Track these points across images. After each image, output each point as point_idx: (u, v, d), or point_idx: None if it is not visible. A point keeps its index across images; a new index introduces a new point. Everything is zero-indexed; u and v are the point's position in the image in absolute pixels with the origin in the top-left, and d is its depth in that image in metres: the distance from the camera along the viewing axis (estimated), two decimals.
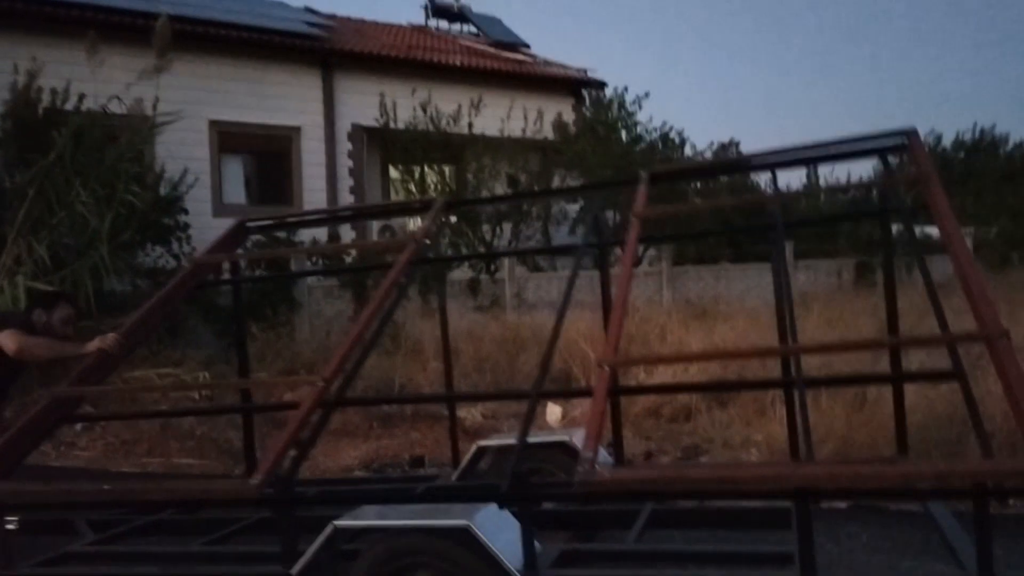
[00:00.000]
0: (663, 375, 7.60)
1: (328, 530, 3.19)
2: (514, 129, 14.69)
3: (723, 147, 16.46)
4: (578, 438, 4.05)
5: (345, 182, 14.85)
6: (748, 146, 21.91)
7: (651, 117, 17.88)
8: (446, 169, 14.86)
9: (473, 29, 20.37)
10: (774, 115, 55.18)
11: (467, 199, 11.58)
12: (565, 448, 4.23)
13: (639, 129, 15.61)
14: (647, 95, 15.75)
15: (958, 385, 3.37)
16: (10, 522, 3.95)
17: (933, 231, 18.13)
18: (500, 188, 14.11)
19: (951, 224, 3.11)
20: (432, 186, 14.59)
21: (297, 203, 14.23)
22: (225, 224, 13.54)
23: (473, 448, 4.62)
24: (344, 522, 3.21)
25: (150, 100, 9.67)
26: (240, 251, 5.41)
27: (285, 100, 14.01)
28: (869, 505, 4.63)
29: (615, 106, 15.81)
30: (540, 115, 15.10)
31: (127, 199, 8.17)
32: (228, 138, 13.54)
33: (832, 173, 20.28)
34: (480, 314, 12.12)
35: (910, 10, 63.49)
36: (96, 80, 8.72)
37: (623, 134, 15.56)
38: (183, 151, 11.78)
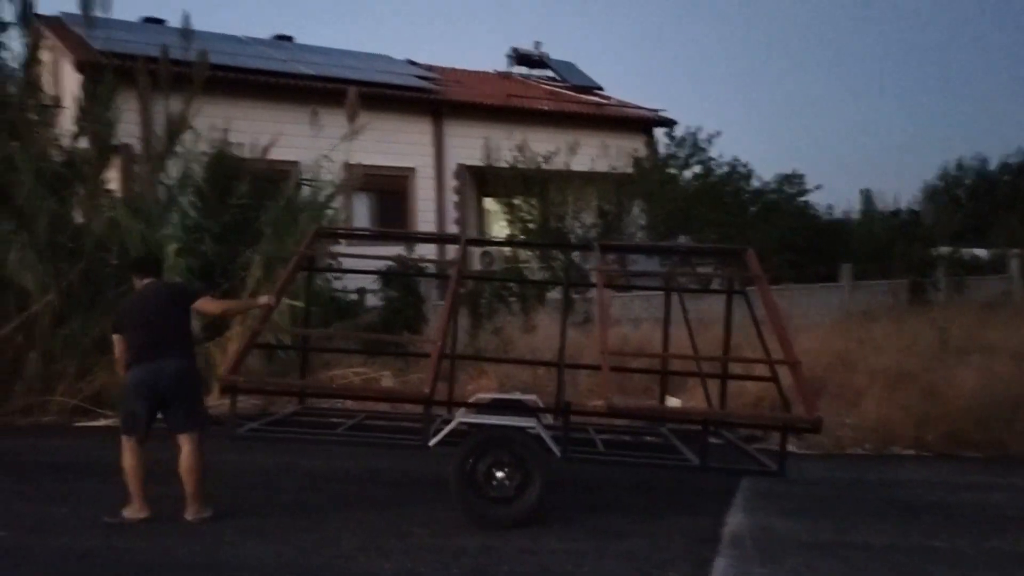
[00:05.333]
0: None
1: (455, 422, 5.29)
2: (599, 165, 16.66)
3: (786, 178, 18.17)
4: (525, 397, 6.37)
5: (451, 214, 16.97)
6: (811, 177, 23.84)
7: (720, 153, 19.69)
8: (536, 202, 16.87)
9: (551, 73, 22.48)
10: (835, 141, 58.35)
11: (489, 240, 14.25)
12: (518, 402, 6.25)
13: (711, 164, 17.51)
14: (719, 133, 17.66)
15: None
16: None
17: (980, 252, 19.66)
18: (590, 218, 16.08)
19: (773, 309, 5.67)
20: (525, 215, 16.63)
21: None
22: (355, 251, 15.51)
23: (473, 397, 6.68)
24: (464, 418, 5.33)
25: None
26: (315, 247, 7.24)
27: (402, 145, 16.21)
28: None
29: (687, 143, 17.73)
30: (621, 153, 17.06)
31: None
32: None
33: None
34: (575, 328, 14.04)
35: (963, 44, 65.16)
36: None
37: (697, 167, 17.48)
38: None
